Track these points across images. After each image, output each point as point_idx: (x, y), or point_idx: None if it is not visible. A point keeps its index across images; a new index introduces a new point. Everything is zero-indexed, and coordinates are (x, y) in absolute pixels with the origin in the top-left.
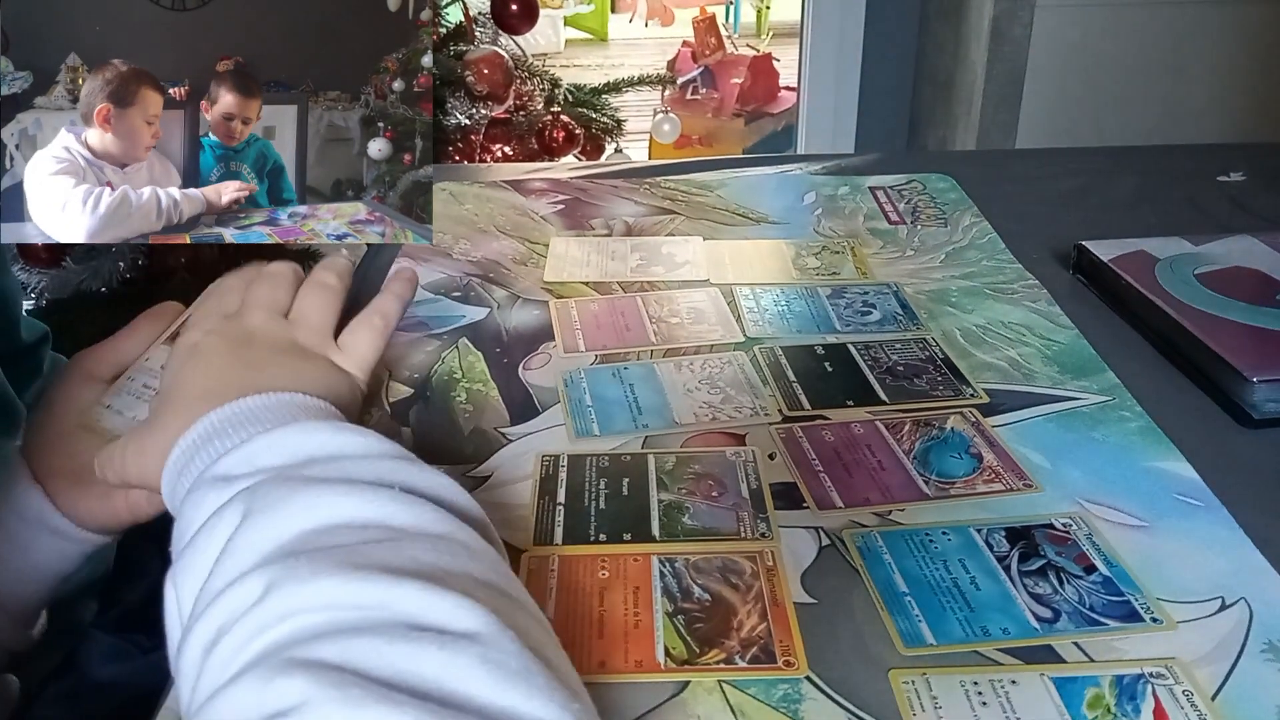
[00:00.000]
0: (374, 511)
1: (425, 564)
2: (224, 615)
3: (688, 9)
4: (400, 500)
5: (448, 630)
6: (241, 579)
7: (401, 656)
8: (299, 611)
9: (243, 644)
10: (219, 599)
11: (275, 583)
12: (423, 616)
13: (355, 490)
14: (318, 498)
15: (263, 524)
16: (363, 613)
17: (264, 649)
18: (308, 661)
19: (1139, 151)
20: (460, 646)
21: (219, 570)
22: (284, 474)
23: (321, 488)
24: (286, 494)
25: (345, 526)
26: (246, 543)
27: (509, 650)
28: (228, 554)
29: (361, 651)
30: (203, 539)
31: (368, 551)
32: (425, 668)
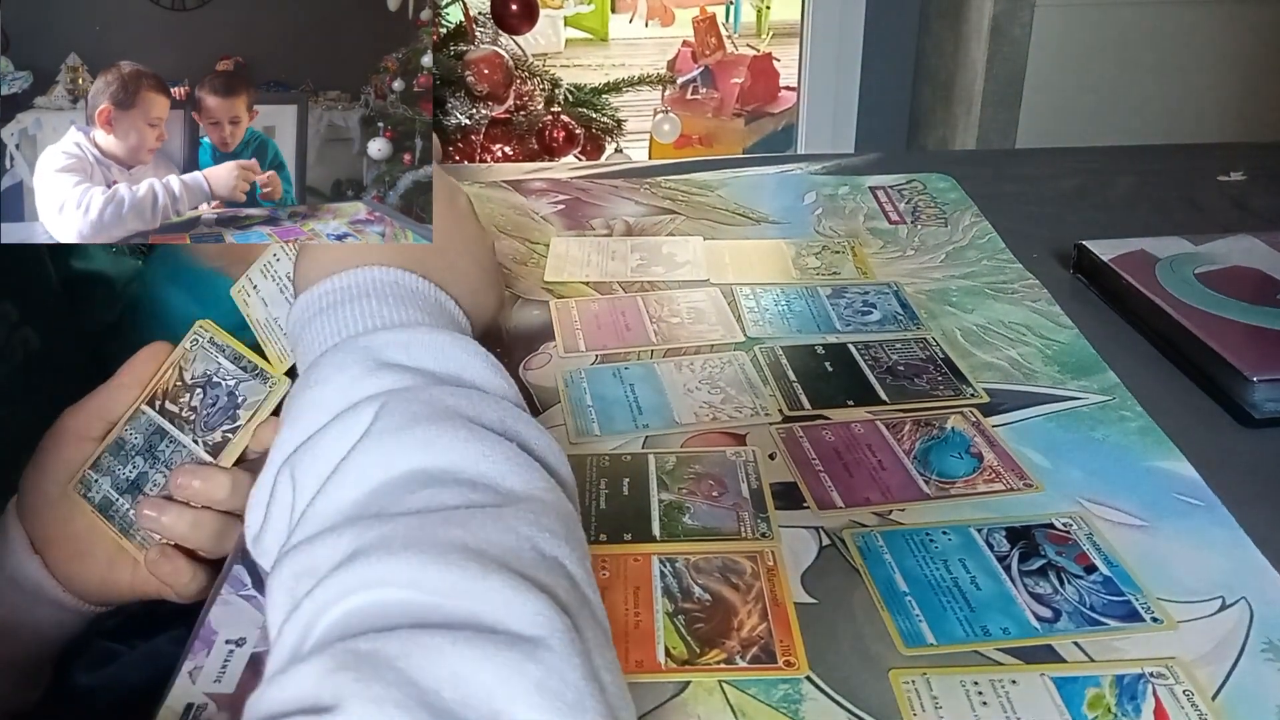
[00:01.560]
0: (489, 467)
1: (523, 542)
2: (313, 562)
3: (688, 9)
4: (515, 460)
5: (520, 636)
6: (336, 530)
7: (463, 662)
8: (382, 584)
9: (324, 606)
10: (313, 543)
11: (364, 548)
12: (499, 617)
13: (476, 437)
14: (439, 435)
15: (381, 449)
16: (442, 600)
17: (343, 615)
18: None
19: (1139, 151)
20: (523, 668)
21: (328, 489)
22: (421, 391)
23: (445, 425)
24: (413, 418)
25: (455, 479)
26: (359, 467)
27: (569, 680)
28: (341, 473)
29: (424, 650)
30: (333, 435)
31: (467, 522)
32: (482, 678)
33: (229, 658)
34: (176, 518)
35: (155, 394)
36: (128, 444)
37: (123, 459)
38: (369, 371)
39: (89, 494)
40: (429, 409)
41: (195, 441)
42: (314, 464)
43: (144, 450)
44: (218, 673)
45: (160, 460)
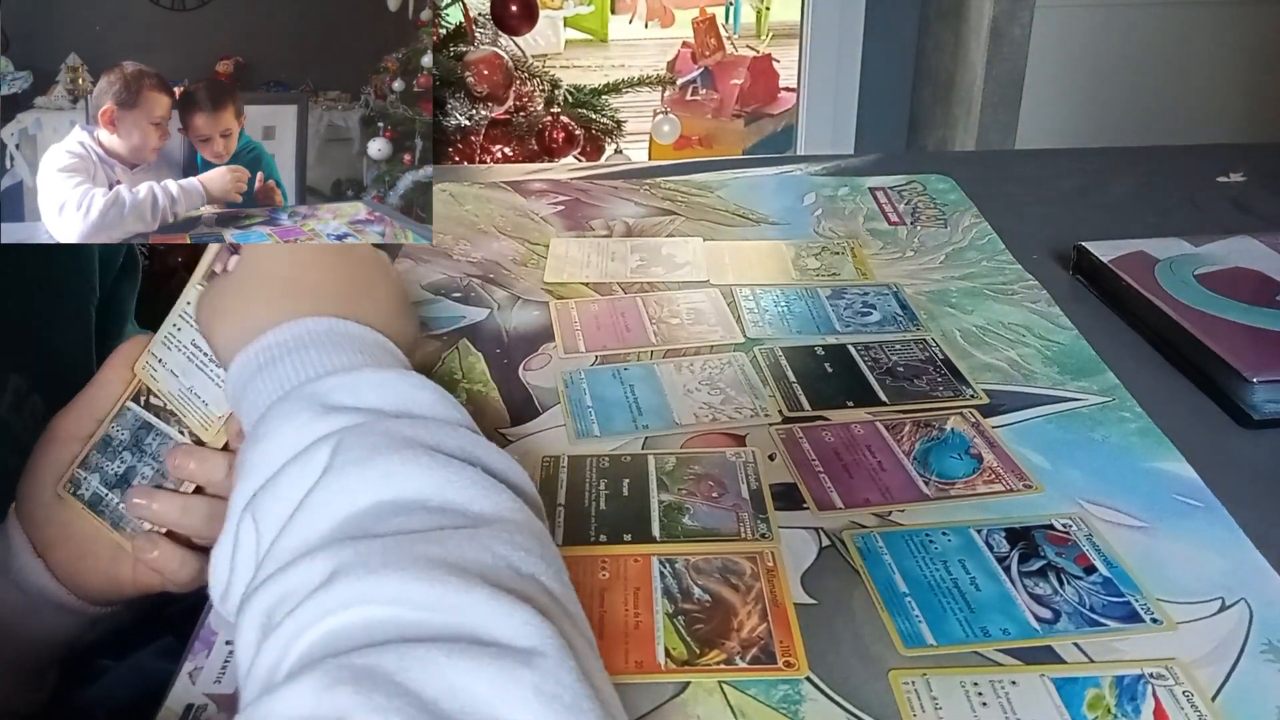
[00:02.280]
0: (455, 493)
1: (499, 560)
2: (288, 589)
3: (687, 10)
4: (480, 484)
5: (511, 647)
6: (310, 555)
7: (459, 673)
8: (365, 601)
9: (305, 626)
10: (286, 571)
11: (343, 568)
12: (488, 629)
13: (439, 464)
14: (402, 465)
15: (343, 483)
16: (429, 615)
17: (326, 635)
18: (364, 672)
19: (1139, 151)
20: (518, 674)
21: (293, 527)
22: (376, 424)
23: (407, 454)
24: (372, 450)
25: (424, 507)
26: (322, 502)
27: (565, 683)
28: (305, 509)
29: (420, 662)
30: (291, 475)
31: (444, 541)
32: (479, 688)
33: (229, 658)
34: (166, 504)
35: (140, 389)
36: (114, 440)
37: (110, 455)
38: (318, 415)
39: (79, 492)
40: (387, 440)
41: (181, 432)
42: (274, 505)
43: (131, 445)
44: (218, 673)
45: (148, 453)
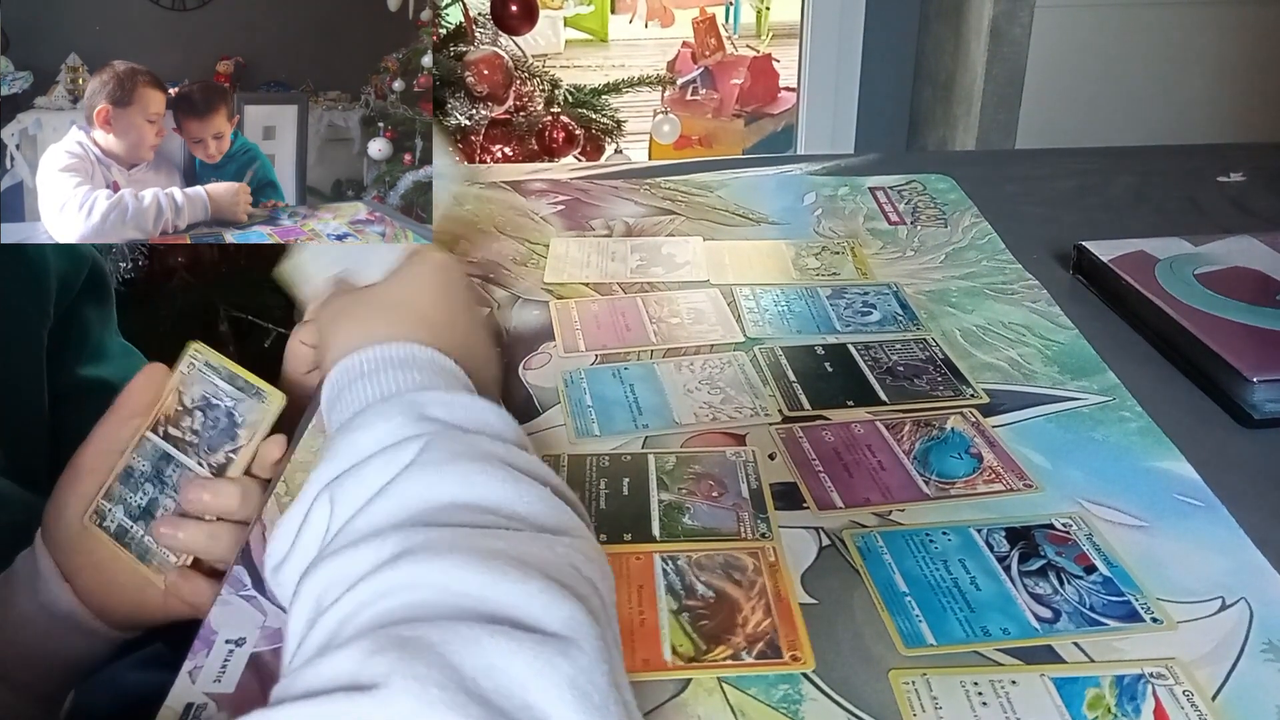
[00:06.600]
0: (524, 507)
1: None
2: (353, 564)
3: (688, 10)
4: (550, 503)
5: (553, 635)
6: (380, 536)
7: (500, 653)
8: (423, 585)
9: (365, 602)
10: (355, 548)
11: (410, 550)
12: (534, 615)
13: (514, 479)
14: (480, 473)
15: (424, 478)
16: (480, 601)
17: (382, 612)
18: (409, 642)
19: (1139, 151)
20: (555, 663)
21: (368, 510)
22: (463, 435)
23: (486, 464)
24: (455, 455)
25: (495, 511)
26: (401, 491)
27: (597, 683)
28: (383, 496)
29: (463, 639)
30: (377, 465)
31: (509, 538)
32: (516, 670)
33: (229, 658)
34: (194, 533)
35: (158, 419)
36: (136, 471)
37: (132, 486)
38: (412, 420)
39: (104, 523)
40: (470, 449)
41: (200, 464)
42: (356, 488)
43: (152, 476)
44: (218, 673)
45: (168, 485)
